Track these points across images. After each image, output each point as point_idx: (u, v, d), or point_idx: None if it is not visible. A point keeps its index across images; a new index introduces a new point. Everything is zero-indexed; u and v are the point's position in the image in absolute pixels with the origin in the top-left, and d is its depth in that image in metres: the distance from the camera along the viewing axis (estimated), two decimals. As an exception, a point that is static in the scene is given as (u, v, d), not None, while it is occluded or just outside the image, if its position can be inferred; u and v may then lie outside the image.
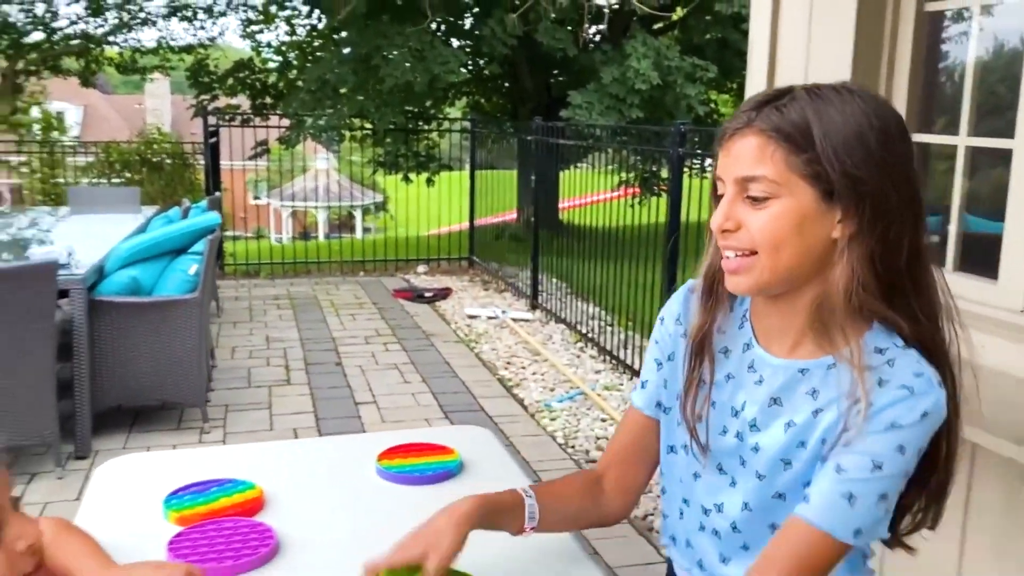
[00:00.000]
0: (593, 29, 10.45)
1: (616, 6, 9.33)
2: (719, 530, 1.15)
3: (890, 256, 0.99)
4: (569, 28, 9.54)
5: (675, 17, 10.67)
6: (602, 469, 1.26)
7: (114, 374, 3.98)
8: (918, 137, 2.04)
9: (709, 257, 1.13)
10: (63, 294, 3.73)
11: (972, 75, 1.88)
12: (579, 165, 7.10)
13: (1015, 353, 1.73)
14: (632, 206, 5.89)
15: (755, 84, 2.36)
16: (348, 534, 1.24)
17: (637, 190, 8.22)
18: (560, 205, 7.67)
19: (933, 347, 1.03)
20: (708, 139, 4.67)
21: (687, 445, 1.17)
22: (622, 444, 1.27)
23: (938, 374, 1.00)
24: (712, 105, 10.91)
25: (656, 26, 10.69)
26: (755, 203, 1.00)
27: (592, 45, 10.19)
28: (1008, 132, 1.76)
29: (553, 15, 8.12)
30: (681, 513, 1.21)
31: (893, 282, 1.00)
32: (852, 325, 1.01)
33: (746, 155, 1.00)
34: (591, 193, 6.39)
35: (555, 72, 11.50)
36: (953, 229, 1.96)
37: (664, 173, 5.95)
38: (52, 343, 3.63)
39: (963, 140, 1.91)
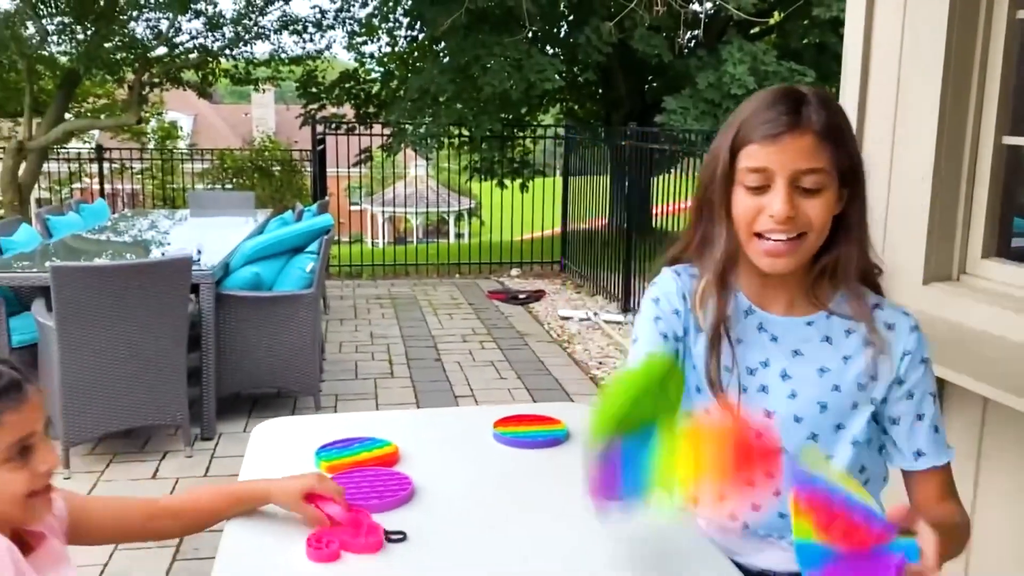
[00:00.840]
0: (689, 35, 10.49)
1: (712, 12, 9.36)
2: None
3: (866, 224, 1.22)
4: (664, 35, 9.61)
5: (772, 22, 10.59)
6: None
7: (237, 362, 4.31)
8: (1008, 140, 2.11)
9: (723, 246, 1.22)
10: (193, 289, 4.09)
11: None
12: (673, 171, 7.16)
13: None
14: None
15: (849, 88, 2.46)
16: (470, 486, 1.42)
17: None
18: (655, 211, 7.73)
19: (877, 284, 1.27)
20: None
21: (708, 409, 1.25)
22: None
23: None
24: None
25: (753, 31, 10.64)
26: (807, 193, 1.14)
27: (687, 51, 10.23)
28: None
29: (648, 22, 8.22)
30: None
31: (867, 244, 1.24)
32: (844, 284, 1.22)
33: (805, 151, 1.13)
34: (689, 200, 6.41)
35: (650, 78, 11.56)
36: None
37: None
38: (185, 332, 3.98)
39: (1053, 142, 1.97)
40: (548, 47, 11.38)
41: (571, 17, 11.18)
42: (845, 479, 1.04)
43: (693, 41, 10.66)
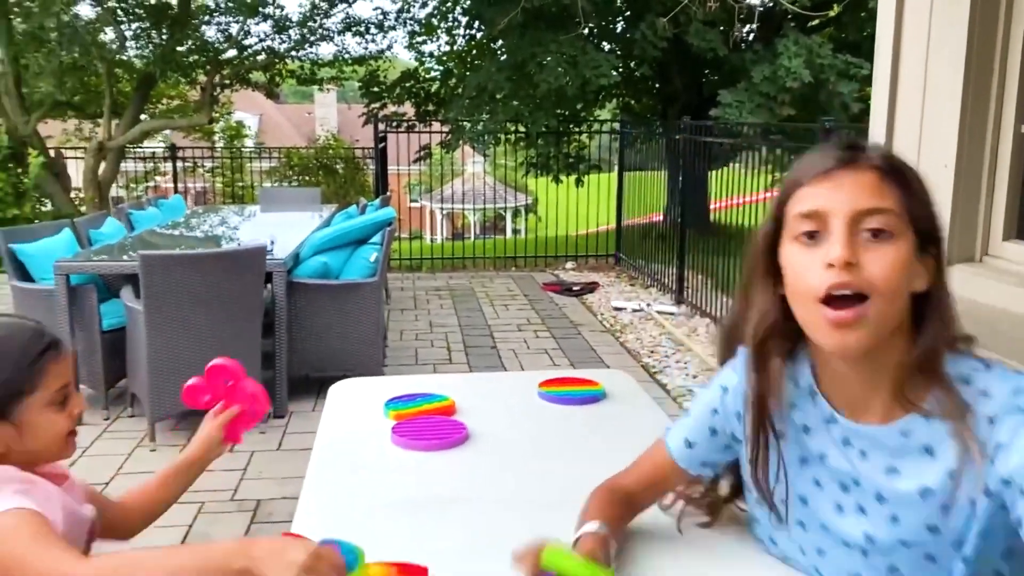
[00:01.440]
0: (745, 29, 10.52)
1: (769, 6, 9.40)
2: None
3: (951, 298, 1.01)
4: (722, 28, 9.68)
5: (831, 14, 10.55)
6: (630, 484, 1.25)
7: (306, 346, 4.60)
8: (1028, 128, 2.24)
9: (759, 316, 1.06)
10: (267, 277, 4.39)
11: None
12: (731, 165, 7.23)
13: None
14: None
15: (880, 80, 2.60)
16: (518, 434, 1.64)
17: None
18: (712, 206, 7.82)
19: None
20: (857, 136, 4.78)
21: (803, 523, 1.12)
22: (648, 476, 1.26)
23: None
24: (867, 103, 10.69)
25: (811, 23, 10.62)
26: (875, 240, 0.95)
27: (743, 45, 10.26)
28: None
29: (701, 18, 8.31)
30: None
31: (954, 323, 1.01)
32: (935, 379, 0.98)
33: (866, 188, 0.96)
34: (747, 194, 6.43)
35: (706, 72, 11.61)
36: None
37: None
38: (259, 317, 4.29)
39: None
40: (604, 43, 11.53)
41: (627, 13, 11.30)
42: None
43: (751, 34, 10.69)
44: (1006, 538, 0.96)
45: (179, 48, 10.96)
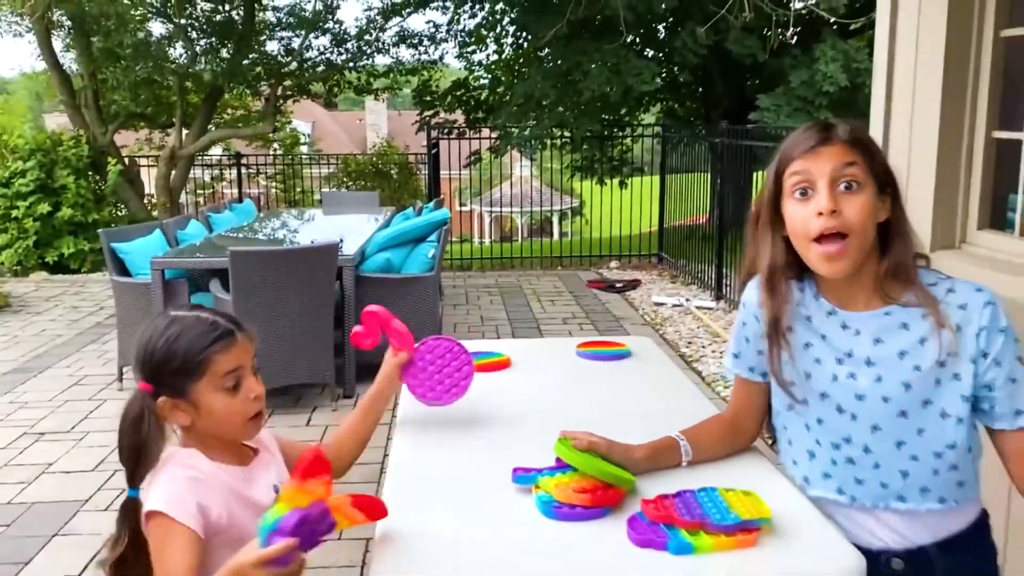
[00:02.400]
0: (790, 32, 10.80)
1: (806, 14, 9.68)
2: (852, 457, 1.41)
3: (909, 224, 1.42)
4: (766, 31, 9.99)
5: (862, 22, 10.76)
6: (731, 417, 1.61)
7: (371, 334, 5.09)
8: (997, 134, 2.61)
9: (768, 260, 1.44)
10: (337, 273, 4.89)
11: (1033, 85, 2.45)
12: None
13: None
14: None
15: (877, 90, 2.99)
16: (560, 379, 2.08)
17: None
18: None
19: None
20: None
21: (806, 399, 1.45)
22: (740, 402, 1.61)
23: None
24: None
25: (852, 27, 10.85)
26: (848, 191, 1.33)
27: (783, 50, 10.54)
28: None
29: (740, 24, 8.64)
30: (812, 454, 1.47)
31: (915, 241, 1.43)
32: (907, 280, 1.39)
33: (839, 156, 1.34)
34: None
35: (747, 77, 11.91)
36: (1020, 202, 2.52)
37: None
38: (331, 307, 4.79)
39: (1026, 135, 2.48)
40: (647, 50, 11.91)
41: (669, 20, 11.66)
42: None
43: (795, 38, 10.96)
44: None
45: (244, 62, 11.62)
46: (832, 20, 9.11)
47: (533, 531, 1.31)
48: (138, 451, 1.39)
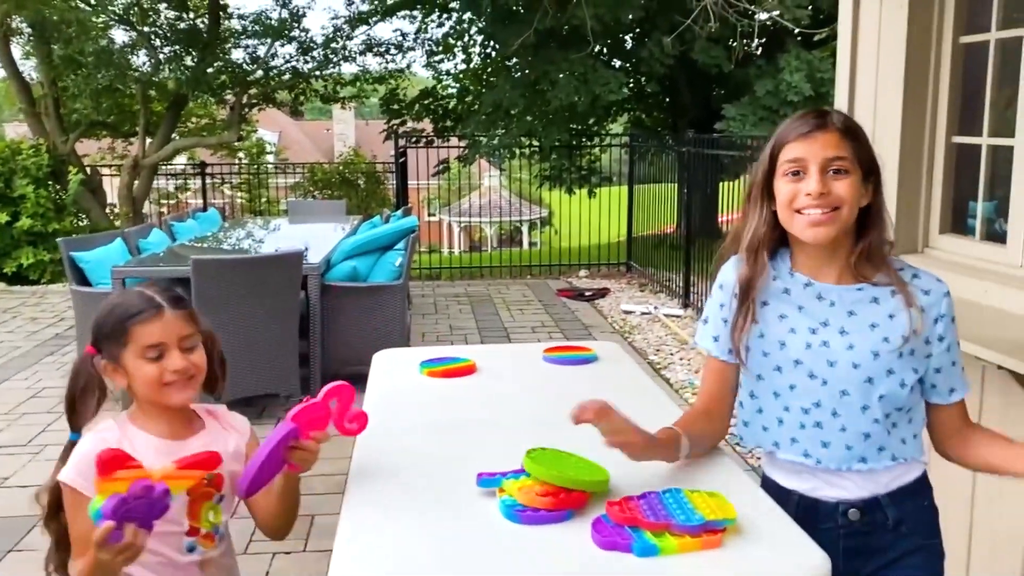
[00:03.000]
0: (755, 43, 10.93)
1: (770, 25, 9.81)
2: (820, 421, 1.51)
3: (886, 213, 1.54)
4: (732, 42, 10.10)
5: (826, 33, 10.94)
6: (704, 406, 1.65)
7: (337, 344, 5.03)
8: (957, 139, 2.65)
9: (752, 230, 1.55)
10: (302, 281, 4.83)
11: (991, 90, 2.49)
12: (741, 177, 7.55)
13: (1017, 298, 2.32)
14: None
15: (840, 95, 3.02)
16: (526, 384, 2.06)
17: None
18: (724, 218, 8.14)
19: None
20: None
21: (779, 367, 1.53)
22: (714, 386, 1.65)
23: None
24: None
25: (816, 38, 11.02)
26: (837, 176, 1.44)
27: (748, 60, 10.67)
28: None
29: (705, 35, 8.74)
30: (780, 420, 1.55)
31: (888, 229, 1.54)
32: (881, 261, 1.51)
33: (832, 144, 1.44)
34: None
35: (713, 86, 12.03)
36: (979, 208, 2.56)
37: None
38: (296, 316, 4.73)
39: (984, 140, 2.51)
40: (614, 60, 11.98)
41: (637, 29, 11.76)
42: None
43: (760, 49, 11.09)
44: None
45: (209, 70, 11.50)
46: (796, 31, 9.24)
47: (497, 535, 1.29)
48: (73, 402, 1.58)
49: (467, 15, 12.08)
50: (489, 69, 13.10)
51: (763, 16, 9.40)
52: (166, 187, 12.87)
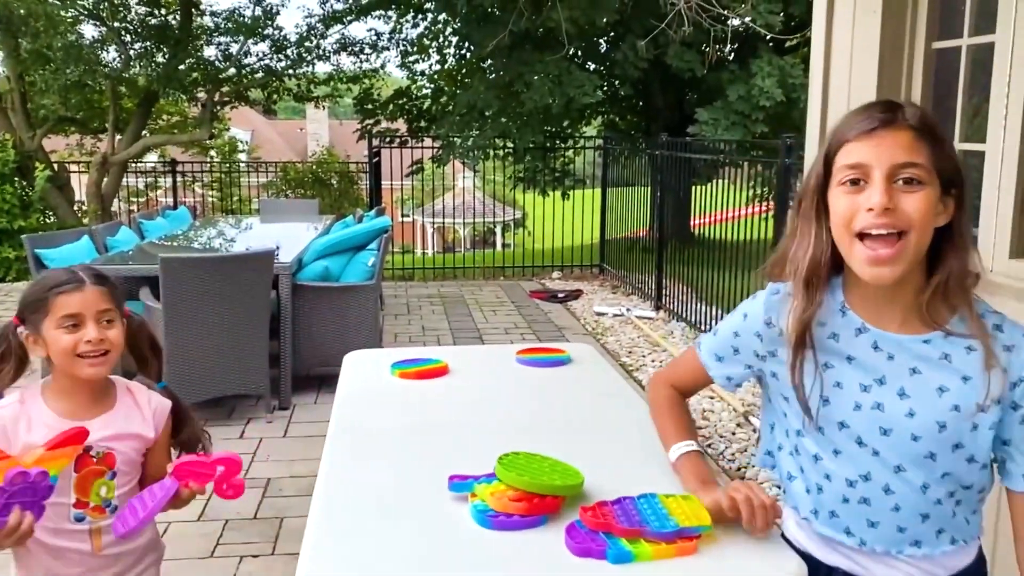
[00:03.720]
0: (728, 48, 11.01)
1: (744, 30, 9.89)
2: (868, 498, 1.25)
3: (972, 236, 1.21)
4: (705, 47, 10.16)
5: (798, 39, 11.06)
6: (679, 386, 1.53)
7: (308, 344, 4.98)
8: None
9: (811, 250, 1.23)
10: (273, 281, 4.76)
11: (962, 95, 2.51)
12: (713, 180, 7.57)
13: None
14: (765, 219, 6.29)
15: (814, 99, 3.03)
16: (499, 385, 2.04)
17: (771, 205, 8.64)
18: (696, 221, 8.16)
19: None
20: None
21: (821, 428, 1.27)
22: (686, 380, 1.52)
23: None
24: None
25: (788, 44, 11.13)
26: (908, 187, 1.12)
27: (722, 65, 10.74)
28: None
29: (678, 40, 8.78)
30: (820, 488, 1.30)
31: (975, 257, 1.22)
32: (961, 301, 1.19)
33: (902, 145, 1.13)
34: (730, 210, 6.65)
35: (686, 91, 12.10)
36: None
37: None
38: (267, 316, 4.67)
39: (956, 145, 2.53)
40: (589, 63, 12.01)
41: (612, 33, 11.80)
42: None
43: (732, 54, 11.17)
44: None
45: (180, 67, 11.36)
46: (768, 37, 9.31)
47: (468, 540, 1.26)
48: None
49: (442, 16, 12.05)
50: (464, 70, 13.08)
51: (736, 21, 9.47)
52: (136, 185, 12.68)
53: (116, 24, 11.43)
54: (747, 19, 9.44)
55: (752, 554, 1.23)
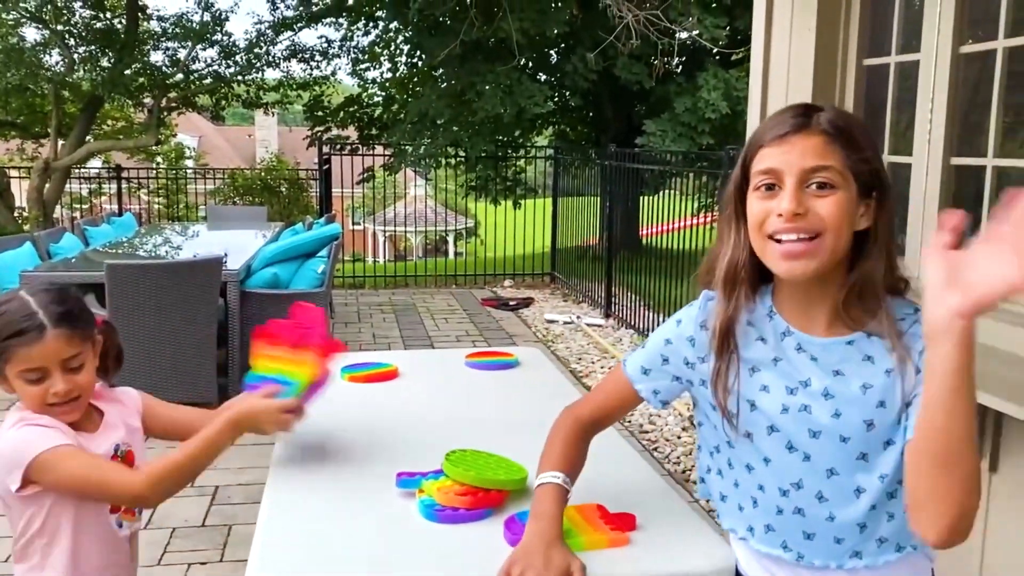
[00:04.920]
0: (676, 61, 11.22)
1: (690, 44, 10.10)
2: (802, 507, 1.22)
3: (894, 240, 1.20)
4: (653, 59, 10.35)
5: (742, 53, 11.32)
6: (589, 416, 1.42)
7: (258, 351, 4.95)
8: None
9: (730, 252, 1.23)
10: (221, 289, 4.74)
11: (891, 109, 2.64)
12: (662, 191, 7.72)
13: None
14: (711, 229, 6.43)
15: (753, 112, 3.14)
16: (449, 388, 2.09)
17: (716, 215, 8.83)
18: (645, 231, 8.28)
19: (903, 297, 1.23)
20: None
21: (750, 434, 1.24)
22: (608, 403, 1.43)
23: None
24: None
25: (733, 57, 11.38)
26: (820, 191, 1.13)
27: (669, 77, 10.94)
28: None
29: (626, 52, 8.94)
30: (755, 501, 1.26)
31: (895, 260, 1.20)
32: (875, 303, 1.18)
33: (813, 150, 1.13)
34: (678, 219, 6.75)
35: (635, 102, 12.29)
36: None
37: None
38: (215, 323, 4.64)
39: (886, 158, 2.65)
40: (540, 74, 12.13)
41: (562, 44, 11.94)
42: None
43: (680, 67, 11.39)
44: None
45: (126, 71, 11.18)
46: (714, 50, 9.53)
47: (416, 534, 1.31)
48: None
49: (393, 24, 12.06)
50: (415, 78, 13.10)
51: (683, 35, 9.67)
52: (79, 191, 12.43)
53: (60, 27, 11.20)
54: (694, 32, 9.65)
55: (681, 543, 1.30)
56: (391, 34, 12.41)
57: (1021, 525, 2.06)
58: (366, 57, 13.07)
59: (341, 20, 12.67)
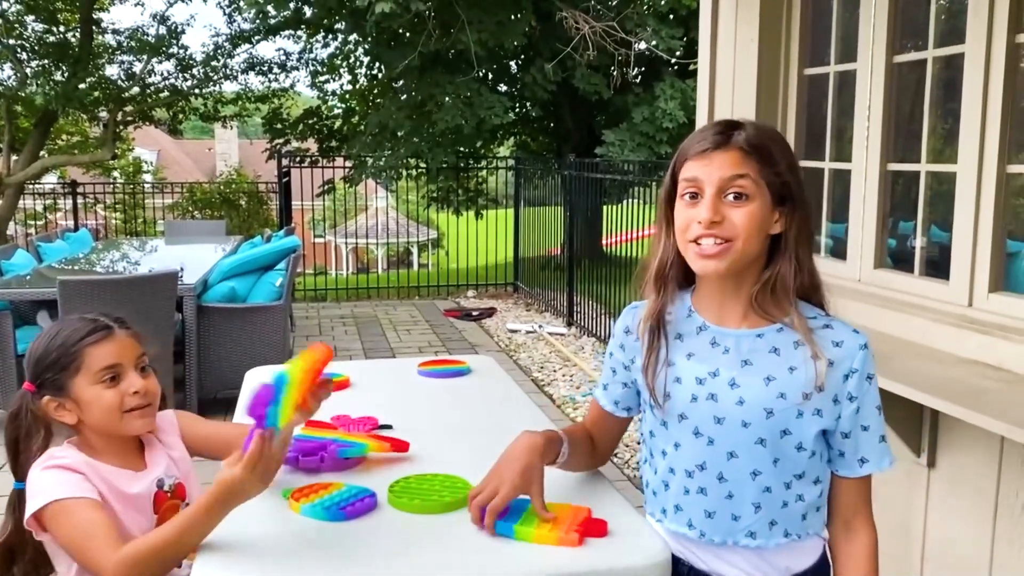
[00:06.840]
0: (634, 72, 11.36)
1: (647, 53, 10.23)
2: (705, 487, 1.35)
3: (806, 245, 1.32)
4: (611, 70, 10.47)
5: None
6: (586, 433, 1.55)
7: (215, 367, 4.92)
8: (804, 163, 2.86)
9: (660, 253, 1.37)
10: (177, 303, 4.69)
11: (831, 117, 2.71)
12: (625, 200, 7.80)
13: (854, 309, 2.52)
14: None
15: (701, 121, 3.21)
16: (400, 397, 2.10)
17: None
18: (608, 240, 8.35)
19: (823, 307, 1.36)
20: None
21: (665, 422, 1.38)
22: (595, 428, 1.56)
23: None
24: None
25: (690, 67, 11.54)
26: (736, 201, 1.26)
27: (627, 88, 11.07)
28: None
29: (585, 63, 9.04)
30: (666, 484, 1.40)
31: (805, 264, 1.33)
32: (786, 300, 1.31)
33: (730, 163, 1.26)
34: (640, 228, 6.78)
35: (594, 113, 12.41)
36: (823, 228, 2.77)
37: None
38: (171, 339, 4.60)
39: (827, 164, 2.73)
40: (499, 85, 12.20)
41: (521, 56, 12.02)
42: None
43: (638, 77, 11.53)
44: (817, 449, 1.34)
45: (81, 85, 11.04)
46: (671, 61, 9.67)
47: (369, 529, 1.32)
48: (16, 444, 1.51)
49: (352, 36, 12.06)
50: (375, 90, 13.09)
51: (640, 46, 9.80)
52: (33, 207, 12.22)
53: (11, 41, 11.03)
54: (652, 43, 9.78)
55: (624, 540, 1.32)
56: (350, 46, 12.40)
57: (958, 517, 2.13)
58: (325, 69, 13.04)
59: (299, 32, 12.63)
